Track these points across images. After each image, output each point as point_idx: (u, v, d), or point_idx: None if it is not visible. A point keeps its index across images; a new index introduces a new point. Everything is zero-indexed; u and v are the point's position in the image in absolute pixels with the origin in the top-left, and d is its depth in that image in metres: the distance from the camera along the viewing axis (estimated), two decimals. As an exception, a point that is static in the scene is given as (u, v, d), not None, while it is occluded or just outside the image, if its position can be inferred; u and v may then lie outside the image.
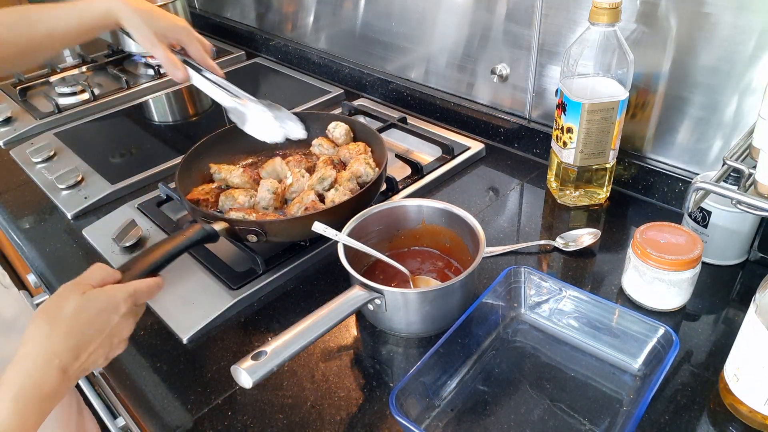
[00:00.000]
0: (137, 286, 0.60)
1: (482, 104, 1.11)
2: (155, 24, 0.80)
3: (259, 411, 0.63)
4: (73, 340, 0.53)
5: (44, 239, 0.92)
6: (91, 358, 0.55)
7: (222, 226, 0.74)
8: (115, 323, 0.56)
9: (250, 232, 0.75)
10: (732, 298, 0.74)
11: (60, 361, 0.52)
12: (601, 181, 0.89)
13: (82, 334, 0.54)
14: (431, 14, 1.11)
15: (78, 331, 0.54)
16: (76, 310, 0.54)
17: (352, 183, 0.85)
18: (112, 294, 0.57)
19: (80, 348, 0.53)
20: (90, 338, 0.54)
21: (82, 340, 0.54)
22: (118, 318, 0.56)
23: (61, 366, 0.52)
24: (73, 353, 0.53)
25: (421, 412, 0.60)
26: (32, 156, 1.10)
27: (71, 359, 0.53)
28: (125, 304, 0.57)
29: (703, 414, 0.60)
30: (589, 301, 0.67)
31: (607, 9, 0.75)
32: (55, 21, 0.80)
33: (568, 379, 0.64)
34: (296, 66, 1.47)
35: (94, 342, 0.55)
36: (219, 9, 1.70)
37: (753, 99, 0.76)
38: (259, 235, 0.75)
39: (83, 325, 0.54)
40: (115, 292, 0.57)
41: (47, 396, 0.51)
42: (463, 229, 0.76)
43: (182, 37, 0.83)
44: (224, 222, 0.75)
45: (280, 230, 0.78)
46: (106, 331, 0.55)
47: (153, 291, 0.62)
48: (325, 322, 0.61)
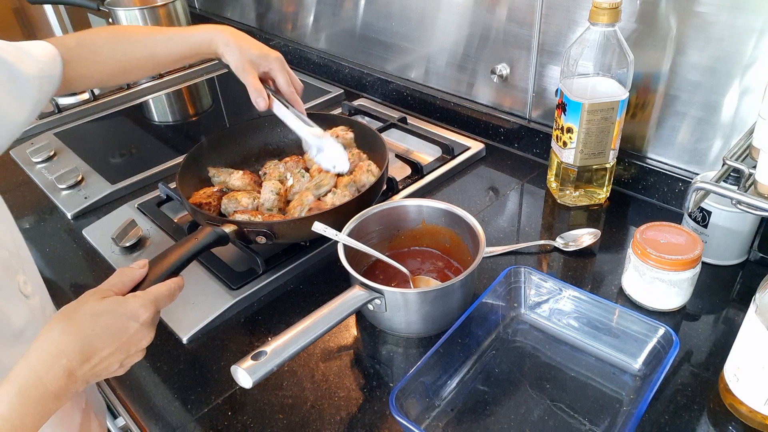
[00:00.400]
0: (157, 293, 0.59)
1: (482, 104, 1.11)
2: (249, 52, 0.83)
3: (259, 411, 0.63)
4: (83, 343, 0.52)
5: (44, 239, 0.92)
6: (104, 364, 0.54)
7: (231, 229, 0.74)
8: (132, 331, 0.55)
9: (259, 233, 0.75)
10: (732, 298, 0.74)
11: (67, 361, 0.51)
12: (601, 181, 0.89)
13: (95, 338, 0.53)
14: (431, 14, 1.11)
15: (91, 335, 0.53)
16: (93, 314, 0.54)
17: (351, 188, 0.85)
18: (133, 301, 0.56)
19: (91, 352, 0.53)
20: (103, 343, 0.53)
21: (94, 344, 0.53)
22: (137, 326, 0.56)
23: (68, 366, 0.51)
24: (82, 356, 0.52)
25: (421, 412, 0.60)
26: (32, 156, 1.10)
27: (80, 361, 0.52)
28: (146, 312, 0.56)
29: (703, 414, 0.60)
30: (589, 301, 0.67)
31: (607, 9, 0.75)
32: (156, 44, 0.83)
33: (568, 379, 0.64)
34: (296, 66, 1.47)
35: (108, 348, 0.54)
36: (219, 9, 1.70)
37: (753, 99, 0.76)
38: (268, 236, 0.75)
39: (98, 329, 0.53)
40: (136, 299, 0.57)
41: (51, 394, 0.51)
42: (463, 229, 0.76)
43: (274, 66, 0.86)
44: (233, 224, 0.75)
45: (288, 231, 0.78)
46: (123, 338, 0.55)
47: (174, 293, 0.62)
48: (325, 322, 0.61)
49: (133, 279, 0.60)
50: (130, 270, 0.61)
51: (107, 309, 0.55)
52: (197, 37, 0.84)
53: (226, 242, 0.73)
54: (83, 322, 0.53)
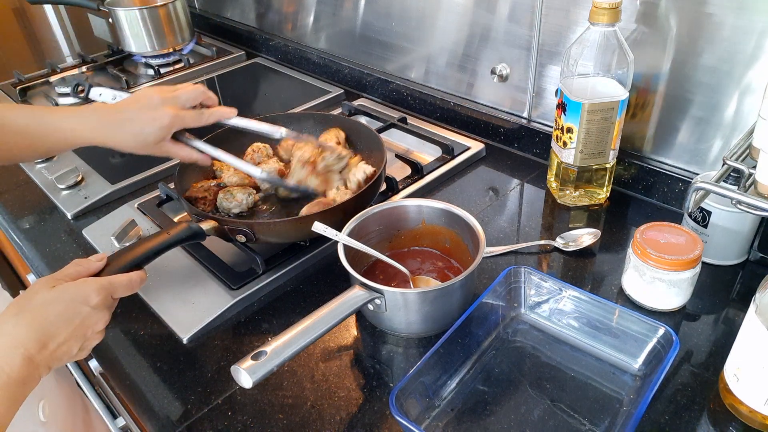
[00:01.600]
0: (113, 280, 0.61)
1: (482, 104, 1.11)
2: (147, 140, 0.77)
3: (259, 411, 0.63)
4: (38, 331, 0.54)
5: (44, 239, 0.92)
6: (63, 348, 0.56)
7: (210, 225, 0.75)
8: (85, 314, 0.58)
9: (239, 232, 0.76)
10: (732, 298, 0.74)
11: (25, 350, 0.53)
12: (601, 181, 0.89)
13: (49, 325, 0.55)
14: (431, 14, 1.11)
15: (45, 322, 0.55)
16: (44, 302, 0.56)
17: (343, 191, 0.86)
18: (82, 287, 0.59)
19: (47, 338, 0.55)
20: (57, 329, 0.56)
21: (49, 331, 0.55)
22: (88, 309, 0.58)
23: (26, 354, 0.53)
24: (38, 343, 0.54)
25: (421, 412, 0.60)
26: (32, 156, 1.10)
27: (37, 348, 0.54)
28: (96, 296, 0.59)
29: (703, 414, 0.60)
30: (589, 301, 0.67)
31: (607, 9, 0.75)
32: (61, 134, 0.78)
33: (568, 379, 0.64)
34: (296, 66, 1.47)
35: (63, 332, 0.56)
36: (219, 9, 1.70)
37: (753, 99, 0.76)
38: (248, 236, 0.75)
39: (50, 315, 0.56)
40: (85, 284, 0.59)
41: (15, 381, 0.52)
42: (463, 229, 0.75)
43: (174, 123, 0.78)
44: (213, 221, 0.75)
45: (269, 231, 0.78)
46: (76, 322, 0.57)
47: (134, 285, 0.64)
48: (325, 322, 0.61)
49: (89, 270, 0.62)
50: (86, 261, 0.63)
51: (57, 296, 0.57)
52: (85, 139, 0.77)
53: (202, 238, 0.75)
54: (35, 312, 0.55)
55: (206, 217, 0.76)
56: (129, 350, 0.72)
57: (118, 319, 0.64)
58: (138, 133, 0.76)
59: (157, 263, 0.71)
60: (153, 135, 0.76)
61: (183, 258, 0.83)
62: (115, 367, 0.71)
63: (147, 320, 0.75)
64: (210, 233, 0.75)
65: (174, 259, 0.83)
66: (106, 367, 0.72)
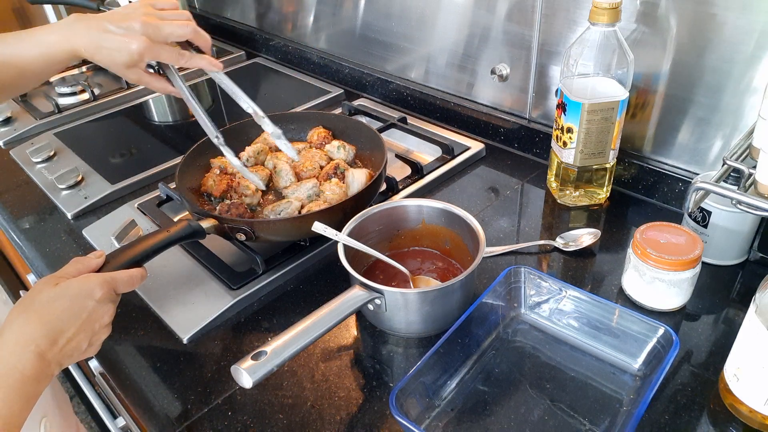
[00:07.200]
0: (115, 275, 0.62)
1: (482, 104, 1.11)
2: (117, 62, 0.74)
3: (259, 411, 0.63)
4: (47, 327, 0.55)
5: (44, 239, 0.92)
6: (72, 344, 0.57)
7: (210, 224, 0.75)
8: (91, 308, 0.58)
9: (239, 230, 0.76)
10: (732, 298, 0.74)
11: (36, 347, 0.53)
12: (601, 181, 0.89)
13: (57, 321, 0.56)
14: (431, 14, 1.11)
15: (53, 318, 0.56)
16: (50, 299, 0.57)
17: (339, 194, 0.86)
18: (86, 282, 0.59)
19: (56, 334, 0.55)
20: (66, 324, 0.56)
21: (57, 326, 0.55)
22: (93, 303, 0.59)
23: (37, 351, 0.53)
24: (48, 339, 0.55)
25: (421, 412, 0.60)
26: (32, 156, 1.10)
27: (48, 344, 0.54)
28: (100, 290, 0.59)
29: (703, 414, 0.60)
30: (589, 301, 0.67)
31: (607, 9, 0.75)
32: (23, 63, 0.74)
33: (568, 379, 0.64)
34: (296, 66, 1.47)
35: (72, 328, 0.56)
36: (219, 9, 1.70)
37: (753, 99, 0.76)
38: (248, 234, 0.76)
39: (57, 311, 0.56)
40: (88, 279, 0.60)
41: (29, 379, 0.52)
42: (463, 229, 0.75)
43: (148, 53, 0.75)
44: (213, 219, 0.76)
45: (269, 229, 0.78)
46: (83, 316, 0.57)
47: (135, 281, 0.65)
48: (325, 322, 0.61)
49: (89, 267, 0.63)
50: (86, 259, 0.64)
51: (62, 293, 0.57)
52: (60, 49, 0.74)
53: (202, 236, 0.75)
54: (42, 310, 0.56)
55: (206, 215, 0.76)
56: (129, 350, 0.72)
57: (118, 319, 0.64)
58: (113, 49, 0.72)
59: (157, 263, 0.71)
60: (121, 58, 0.73)
61: (183, 258, 0.83)
62: (115, 367, 0.71)
63: (147, 320, 0.75)
64: (210, 231, 0.75)
65: (174, 259, 0.83)
66: (106, 367, 0.72)
